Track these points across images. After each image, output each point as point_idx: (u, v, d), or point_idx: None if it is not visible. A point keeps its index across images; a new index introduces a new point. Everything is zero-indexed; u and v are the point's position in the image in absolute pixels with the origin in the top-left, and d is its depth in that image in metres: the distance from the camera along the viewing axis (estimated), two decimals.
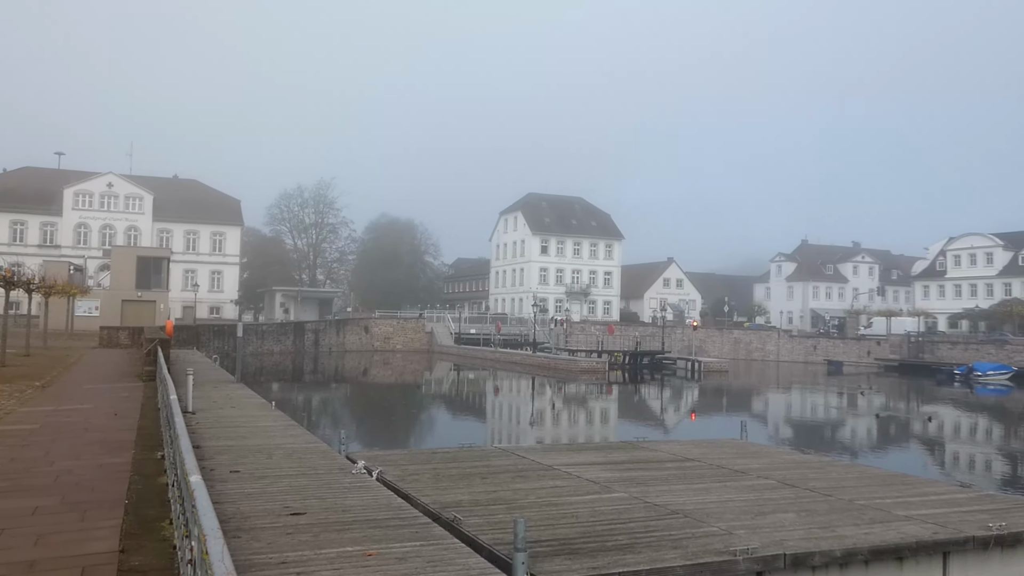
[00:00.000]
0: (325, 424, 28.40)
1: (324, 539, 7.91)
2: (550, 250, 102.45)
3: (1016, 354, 67.00)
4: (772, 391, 52.52)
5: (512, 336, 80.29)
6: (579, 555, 8.18)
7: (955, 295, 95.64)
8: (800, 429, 32.81)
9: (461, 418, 34.08)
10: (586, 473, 12.81)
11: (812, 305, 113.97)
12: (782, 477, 12.95)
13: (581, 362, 59.50)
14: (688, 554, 8.34)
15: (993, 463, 23.78)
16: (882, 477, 13.56)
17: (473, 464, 13.34)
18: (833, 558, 8.81)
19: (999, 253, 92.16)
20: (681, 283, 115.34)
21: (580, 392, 45.41)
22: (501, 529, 8.95)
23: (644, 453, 15.18)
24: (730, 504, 10.82)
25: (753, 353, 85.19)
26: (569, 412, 36.24)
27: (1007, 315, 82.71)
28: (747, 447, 16.43)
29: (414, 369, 61.70)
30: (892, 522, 10.09)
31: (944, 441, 27.94)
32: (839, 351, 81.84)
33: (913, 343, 79.00)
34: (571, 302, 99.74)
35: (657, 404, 42.80)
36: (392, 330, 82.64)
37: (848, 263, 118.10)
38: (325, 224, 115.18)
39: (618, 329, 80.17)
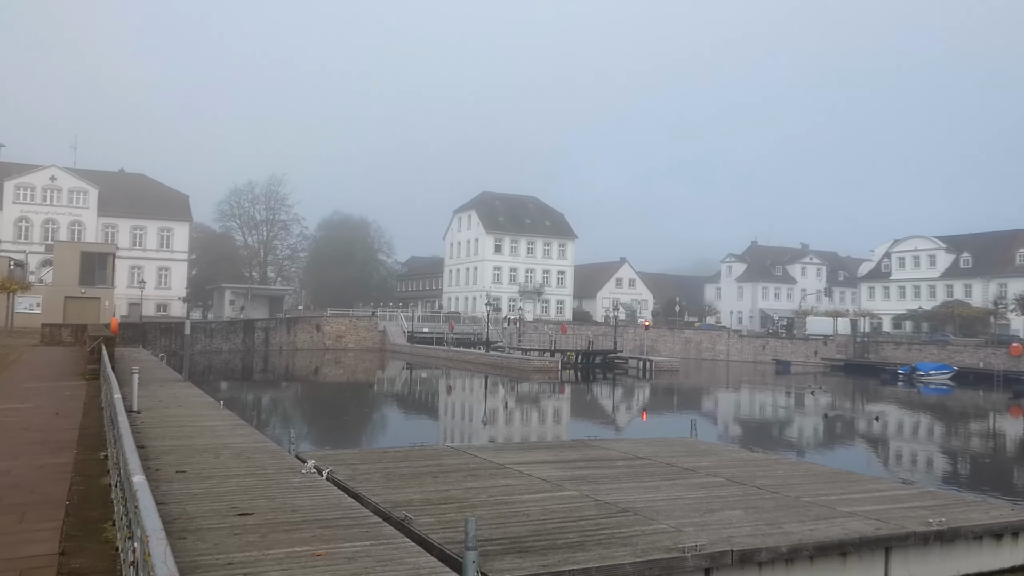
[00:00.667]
0: (275, 423, 28.04)
1: (272, 539, 7.82)
2: (504, 249, 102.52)
3: (957, 354, 68.82)
4: (722, 390, 53.24)
5: (465, 335, 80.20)
6: (530, 553, 8.21)
7: (899, 296, 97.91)
8: (749, 428, 33.31)
9: (413, 417, 33.94)
10: (538, 472, 12.85)
11: (761, 305, 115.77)
12: (730, 475, 13.14)
13: (534, 361, 59.65)
14: (638, 551, 8.41)
15: (934, 460, 24.40)
16: (827, 474, 13.84)
17: (425, 463, 13.30)
18: (779, 554, 8.96)
19: (941, 255, 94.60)
20: (633, 283, 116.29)
21: (533, 391, 45.53)
22: (452, 528, 8.95)
23: (595, 451, 15.28)
24: (679, 502, 10.95)
25: (704, 353, 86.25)
26: (522, 411, 36.31)
27: (949, 316, 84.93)
28: (696, 445, 16.64)
29: (366, 368, 61.28)
30: (836, 518, 10.29)
31: (888, 439, 28.59)
32: (787, 351, 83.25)
33: (859, 343, 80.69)
34: (524, 301, 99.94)
35: (609, 403, 43.10)
36: (344, 329, 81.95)
37: (797, 264, 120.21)
38: (276, 221, 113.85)
39: (571, 328, 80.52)
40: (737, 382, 59.15)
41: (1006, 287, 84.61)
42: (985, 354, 66.24)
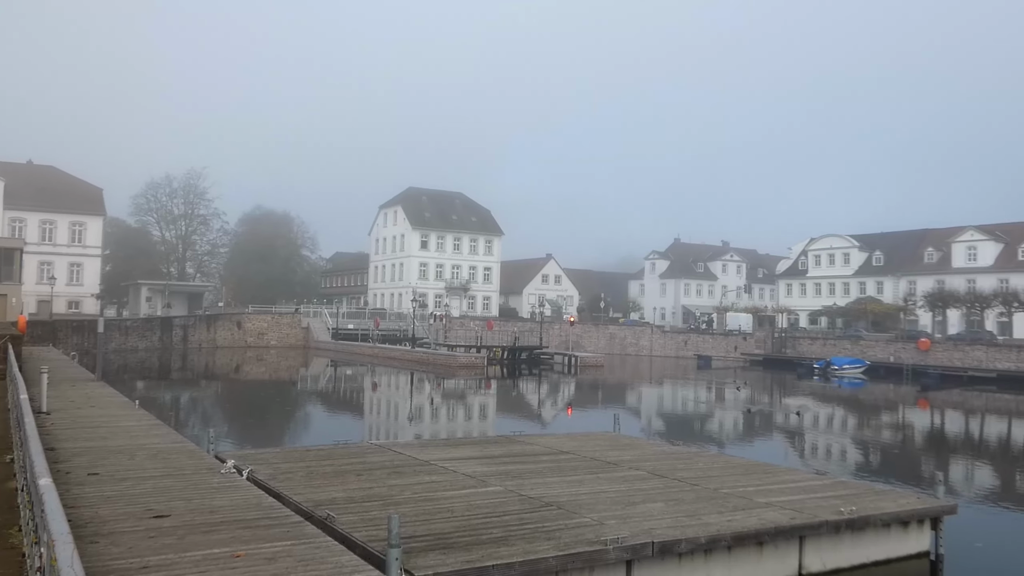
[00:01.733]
0: (193, 423, 27.35)
1: (189, 541, 7.64)
2: (430, 245, 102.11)
3: (869, 349, 71.39)
4: (645, 385, 54.10)
5: (391, 331, 79.69)
6: (454, 549, 8.21)
7: (816, 293, 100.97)
8: (671, 422, 33.94)
9: (337, 415, 33.55)
10: (463, 468, 12.85)
11: (684, 302, 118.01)
12: (652, 468, 13.36)
13: (460, 357, 59.61)
14: (561, 545, 8.49)
15: (847, 452, 25.25)
16: (745, 466, 14.19)
17: (348, 461, 13.17)
18: (698, 544, 9.16)
19: (855, 253, 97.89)
20: (559, 279, 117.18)
21: (459, 387, 45.50)
22: (375, 526, 8.88)
23: (520, 447, 15.36)
24: (602, 495, 11.09)
25: (627, 348, 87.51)
26: (447, 407, 36.25)
27: (862, 312, 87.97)
28: (619, 440, 16.87)
29: (289, 365, 60.30)
30: (753, 509, 10.57)
31: (804, 432, 29.47)
32: (708, 346, 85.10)
33: (777, 339, 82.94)
34: (451, 297, 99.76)
35: (534, 399, 43.36)
36: (266, 325, 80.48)
37: (718, 261, 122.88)
38: (195, 215, 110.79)
39: (497, 325, 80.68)
40: (660, 377, 60.19)
41: (915, 284, 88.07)
42: (895, 349, 68.88)
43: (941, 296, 74.88)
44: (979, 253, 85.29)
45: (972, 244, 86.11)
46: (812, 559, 10.23)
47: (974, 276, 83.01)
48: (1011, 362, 60.97)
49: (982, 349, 63.85)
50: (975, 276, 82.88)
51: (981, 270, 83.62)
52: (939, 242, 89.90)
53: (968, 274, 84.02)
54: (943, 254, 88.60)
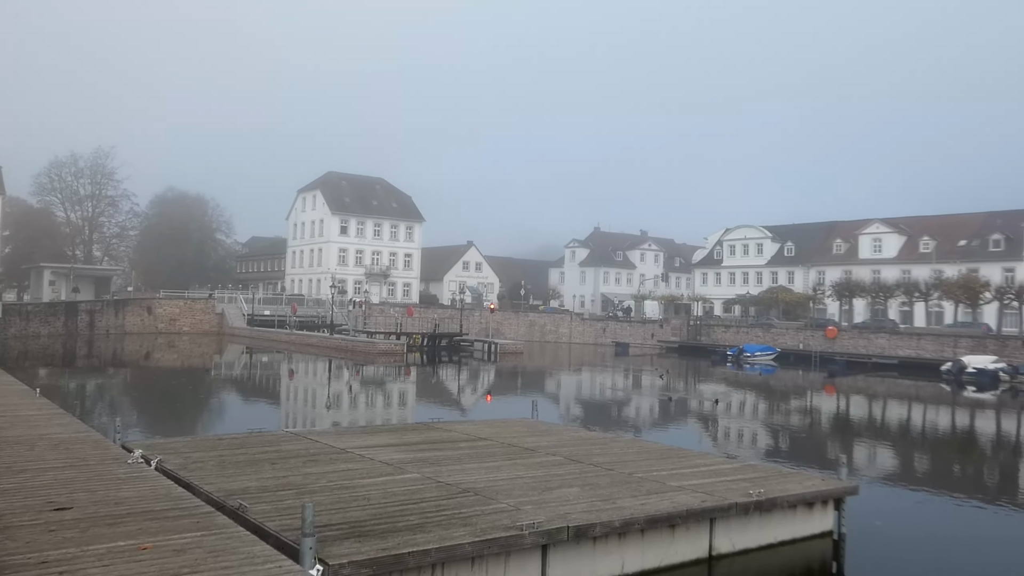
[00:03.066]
0: (99, 412, 26.42)
1: (93, 534, 7.39)
2: (350, 231, 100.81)
3: (780, 337, 73.65)
4: (563, 372, 54.65)
5: (309, 318, 78.55)
6: (369, 537, 8.15)
7: (730, 282, 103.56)
8: (588, 408, 34.38)
9: (252, 403, 32.88)
10: (380, 455, 12.77)
11: (603, 289, 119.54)
12: (569, 453, 13.52)
13: (379, 344, 59.16)
14: (477, 531, 8.52)
15: (757, 436, 26.02)
16: (659, 451, 14.48)
17: (262, 449, 12.94)
18: (612, 528, 9.31)
19: (768, 244, 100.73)
20: (480, 266, 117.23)
21: (378, 374, 45.14)
22: (290, 515, 8.75)
23: (438, 434, 15.34)
24: (519, 481, 11.17)
25: (547, 335, 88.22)
26: (366, 395, 35.94)
27: (773, 301, 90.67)
28: (537, 426, 17.00)
29: (202, 352, 58.80)
30: (666, 492, 10.80)
31: (717, 417, 30.23)
32: (626, 333, 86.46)
33: (692, 326, 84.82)
34: (371, 284, 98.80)
35: (454, 386, 43.34)
36: (179, 311, 78.29)
37: (636, 250, 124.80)
38: (103, 196, 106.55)
39: (417, 311, 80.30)
40: (578, 364, 60.90)
41: (824, 274, 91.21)
42: (805, 336, 71.25)
43: (848, 286, 77.69)
44: (884, 245, 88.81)
45: (877, 236, 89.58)
46: (722, 540, 10.52)
47: (879, 267, 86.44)
48: (911, 349, 63.78)
49: (885, 337, 66.61)
50: (880, 267, 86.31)
51: (885, 261, 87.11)
52: (847, 234, 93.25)
53: (873, 265, 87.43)
54: (850, 246, 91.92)
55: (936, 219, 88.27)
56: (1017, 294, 64.18)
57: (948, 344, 61.66)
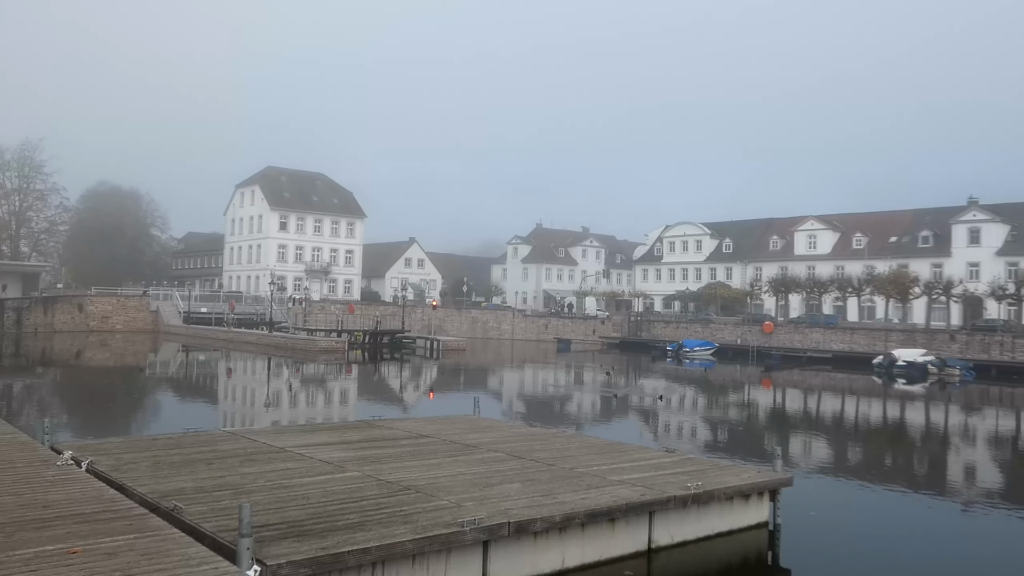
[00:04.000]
0: (27, 413, 25.58)
1: (19, 539, 7.16)
2: (289, 226, 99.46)
3: (718, 332, 74.98)
4: (506, 368, 54.77)
5: (247, 315, 77.35)
6: (308, 537, 8.06)
7: (670, 278, 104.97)
8: (530, 404, 34.51)
9: (188, 402, 32.21)
10: (319, 454, 12.63)
11: (545, 286, 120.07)
12: (510, 449, 13.55)
13: (320, 342, 58.52)
14: (418, 528, 8.49)
15: (696, 430, 26.44)
16: (600, 446, 14.61)
17: (198, 449, 12.68)
18: (553, 523, 9.37)
19: (707, 241, 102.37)
20: (423, 263, 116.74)
21: (319, 372, 44.64)
22: (226, 516, 8.59)
23: (379, 431, 15.24)
24: (460, 477, 11.16)
25: (490, 332, 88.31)
26: (307, 393, 35.51)
27: (712, 297, 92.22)
28: (479, 422, 17.01)
29: (136, 351, 57.40)
30: (606, 487, 10.90)
31: (657, 411, 30.63)
32: (568, 330, 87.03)
33: (633, 322, 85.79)
34: (311, 280, 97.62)
35: (396, 383, 43.10)
36: (111, 309, 76.25)
37: (578, 247, 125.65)
38: (31, 190, 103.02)
39: (359, 308, 79.65)
40: (521, 360, 61.09)
41: (761, 270, 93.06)
42: (742, 331, 72.65)
43: (784, 282, 79.44)
44: (818, 241, 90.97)
45: (812, 233, 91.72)
46: (661, 533, 10.66)
47: (814, 263, 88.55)
48: (844, 344, 65.52)
49: (819, 331, 68.31)
50: (815, 263, 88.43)
51: (820, 257, 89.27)
52: (783, 231, 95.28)
53: (808, 261, 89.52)
54: (787, 242, 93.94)
55: (869, 216, 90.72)
56: (944, 289, 66.36)
57: (879, 338, 63.51)
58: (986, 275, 72.50)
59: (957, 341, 59.73)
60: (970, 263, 77.11)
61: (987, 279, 69.49)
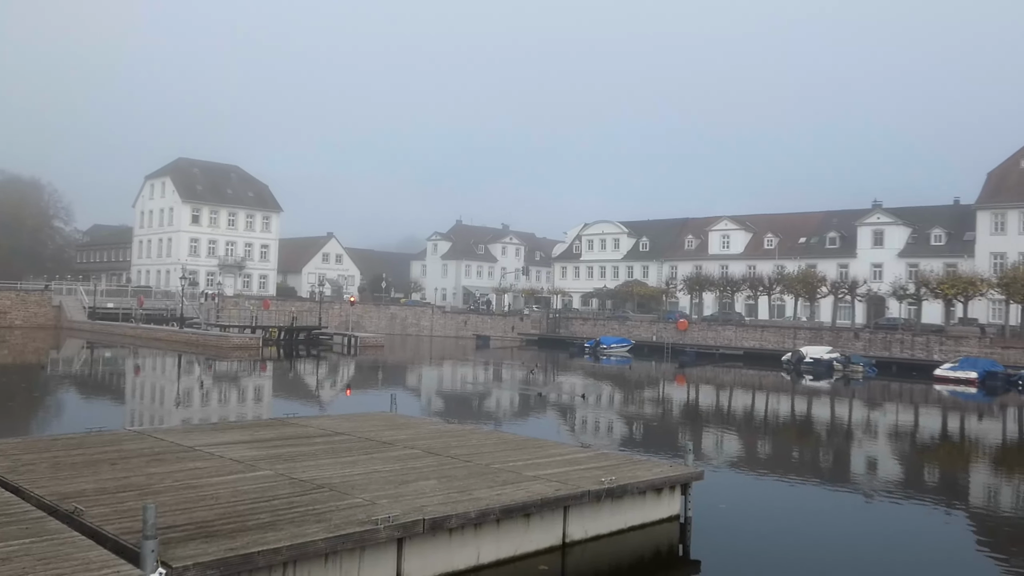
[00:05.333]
0: None
1: None
2: (202, 220, 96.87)
3: (635, 329, 76.17)
4: (425, 365, 54.54)
5: (157, 311, 75.12)
6: (217, 537, 7.87)
7: (588, 276, 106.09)
8: (448, 400, 34.44)
9: (92, 400, 31.07)
10: (230, 453, 12.35)
11: (465, 282, 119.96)
12: (427, 446, 13.50)
13: (233, 338, 57.24)
14: (331, 527, 8.38)
15: (612, 425, 26.82)
16: (516, 442, 14.68)
17: (102, 450, 12.24)
18: (468, 519, 9.37)
19: (624, 239, 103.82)
20: (341, 259, 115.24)
21: (231, 369, 43.63)
22: (130, 517, 8.32)
23: (293, 429, 14.99)
24: (375, 475, 11.07)
25: (409, 328, 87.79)
26: (219, 391, 34.67)
27: (629, 294, 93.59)
28: (396, 419, 16.90)
29: (37, 348, 55.04)
30: (522, 482, 10.96)
31: (574, 408, 30.94)
32: (487, 326, 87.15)
33: (551, 319, 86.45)
34: (224, 275, 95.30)
35: (312, 380, 42.45)
36: (10, 304, 72.98)
37: (498, 244, 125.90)
38: None
39: (274, 304, 78.15)
40: (439, 357, 60.92)
41: (676, 269, 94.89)
42: (658, 329, 73.95)
43: (698, 280, 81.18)
44: (732, 241, 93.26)
45: (726, 233, 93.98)
46: (575, 527, 10.78)
47: (727, 262, 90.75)
48: (755, 341, 67.38)
49: (732, 329, 70.07)
50: (728, 262, 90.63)
51: (733, 257, 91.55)
52: (698, 230, 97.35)
53: (722, 260, 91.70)
54: (701, 241, 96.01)
55: (780, 217, 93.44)
56: (850, 289, 68.90)
57: (788, 336, 65.53)
58: (888, 276, 75.54)
59: (861, 339, 62.10)
60: (874, 264, 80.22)
61: (889, 279, 72.40)
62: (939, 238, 78.37)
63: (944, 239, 77.99)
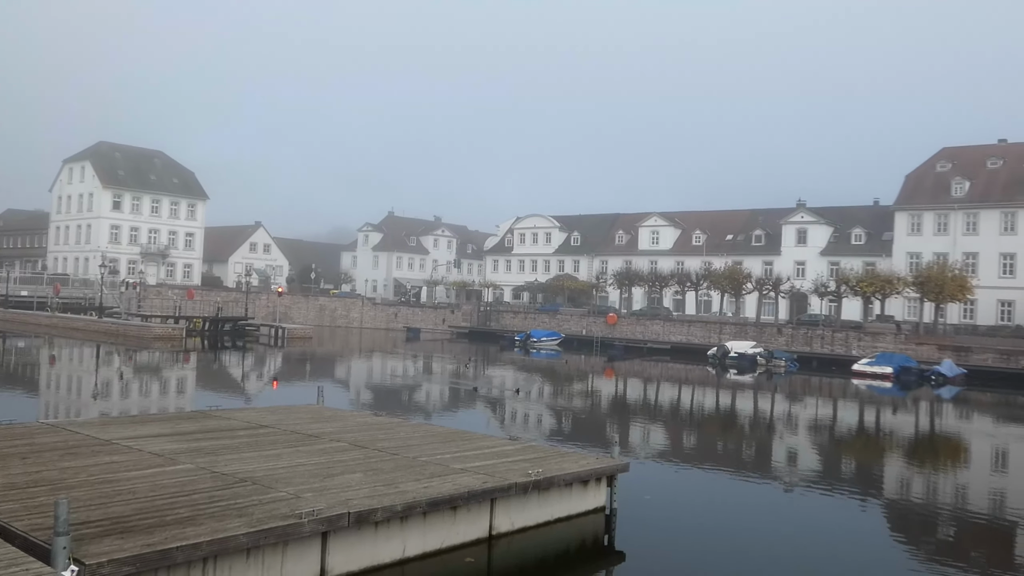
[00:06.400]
0: None
1: None
2: (124, 206, 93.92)
3: (565, 323, 76.72)
4: (354, 357, 54.00)
5: (75, 300, 72.75)
6: (134, 533, 7.64)
7: (519, 269, 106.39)
8: (378, 393, 34.18)
9: (2, 393, 29.89)
10: (149, 446, 12.02)
11: (396, 274, 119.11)
12: (353, 439, 13.37)
13: (155, 328, 55.76)
14: (253, 521, 8.23)
15: (542, 418, 26.98)
16: (445, 435, 14.64)
17: (12, 443, 11.78)
18: (394, 512, 9.31)
19: (556, 233, 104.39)
20: (269, 248, 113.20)
21: (153, 361, 42.49)
22: (41, 513, 8.03)
23: (216, 422, 14.67)
24: (300, 468, 10.91)
25: (338, 320, 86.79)
26: (140, 382, 33.72)
27: (560, 288, 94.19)
28: (323, 412, 16.68)
29: None
30: (449, 475, 10.93)
31: (504, 400, 31.01)
32: (418, 319, 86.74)
33: (482, 312, 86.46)
34: (147, 264, 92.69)
35: (238, 372, 41.62)
36: None
37: (430, 236, 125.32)
38: None
39: (199, 294, 76.33)
40: (369, 349, 60.40)
41: (607, 263, 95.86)
42: (588, 323, 74.63)
43: (628, 275, 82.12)
44: (661, 237, 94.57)
45: (655, 229, 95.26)
46: (502, 520, 10.80)
47: (656, 258, 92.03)
48: (682, 335, 68.56)
49: (660, 323, 71.14)
50: (657, 258, 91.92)
51: (662, 252, 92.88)
52: (628, 226, 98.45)
53: (651, 256, 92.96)
54: (631, 237, 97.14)
55: (708, 214, 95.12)
56: (774, 286, 70.62)
57: (714, 330, 66.86)
58: (811, 273, 77.65)
59: (784, 334, 63.74)
60: (797, 261, 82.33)
61: (812, 277, 74.40)
62: (859, 237, 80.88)
63: (864, 239, 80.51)
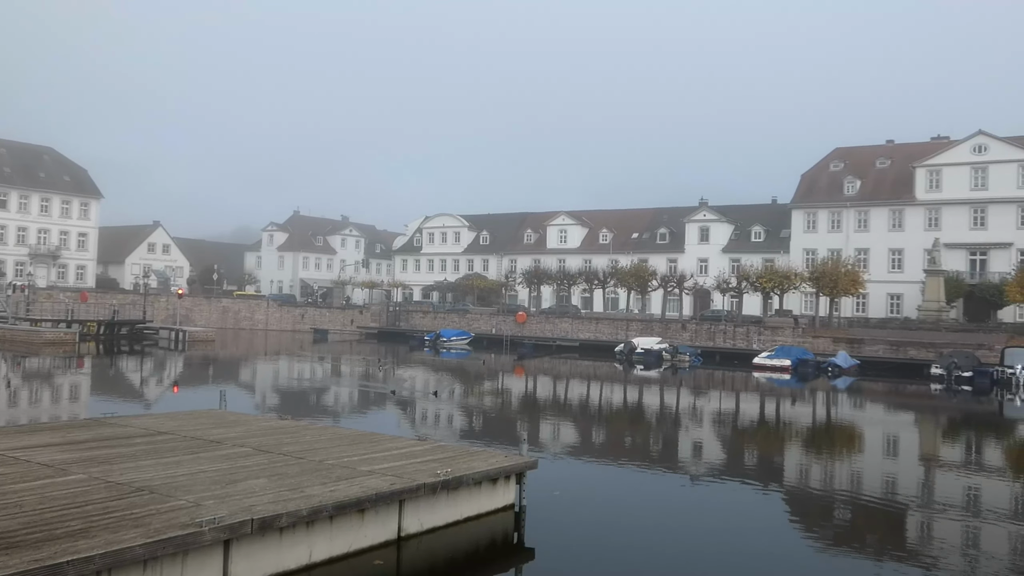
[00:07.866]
0: None
1: None
2: (10, 205, 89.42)
3: (475, 322, 76.78)
4: (259, 360, 52.79)
5: None
6: (20, 548, 7.26)
7: (429, 268, 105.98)
8: (283, 396, 33.48)
9: None
10: (38, 456, 11.47)
11: (302, 275, 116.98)
12: (257, 444, 13.06)
13: (46, 333, 53.28)
14: (150, 531, 7.93)
15: (452, 417, 26.90)
16: (352, 437, 14.45)
17: None
18: (300, 517, 9.12)
19: (465, 233, 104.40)
20: (168, 249, 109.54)
21: (43, 367, 40.58)
22: None
23: (111, 430, 14.10)
24: (201, 475, 10.58)
25: (242, 322, 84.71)
26: (29, 390, 32.12)
27: (469, 288, 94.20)
28: (225, 416, 16.25)
29: None
30: (356, 478, 10.79)
31: (415, 401, 30.82)
32: (325, 320, 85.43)
33: (391, 312, 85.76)
34: (36, 266, 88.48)
35: (136, 377, 40.12)
36: None
37: (337, 235, 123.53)
38: None
39: (93, 296, 73.38)
40: (275, 351, 59.16)
41: (516, 262, 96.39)
42: (497, 321, 74.88)
43: (536, 274, 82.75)
44: (569, 236, 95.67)
45: (563, 228, 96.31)
46: (411, 521, 10.72)
47: (564, 256, 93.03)
48: (590, 333, 69.53)
49: (568, 321, 71.96)
50: (565, 256, 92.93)
51: (570, 251, 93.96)
52: (537, 225, 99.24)
53: (560, 254, 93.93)
54: (540, 236, 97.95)
55: (614, 213, 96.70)
56: (678, 283, 72.32)
57: (621, 327, 68.03)
58: (713, 270, 79.88)
59: (688, 330, 65.33)
60: (700, 259, 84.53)
61: (714, 274, 76.55)
62: (759, 235, 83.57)
63: (763, 236, 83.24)
